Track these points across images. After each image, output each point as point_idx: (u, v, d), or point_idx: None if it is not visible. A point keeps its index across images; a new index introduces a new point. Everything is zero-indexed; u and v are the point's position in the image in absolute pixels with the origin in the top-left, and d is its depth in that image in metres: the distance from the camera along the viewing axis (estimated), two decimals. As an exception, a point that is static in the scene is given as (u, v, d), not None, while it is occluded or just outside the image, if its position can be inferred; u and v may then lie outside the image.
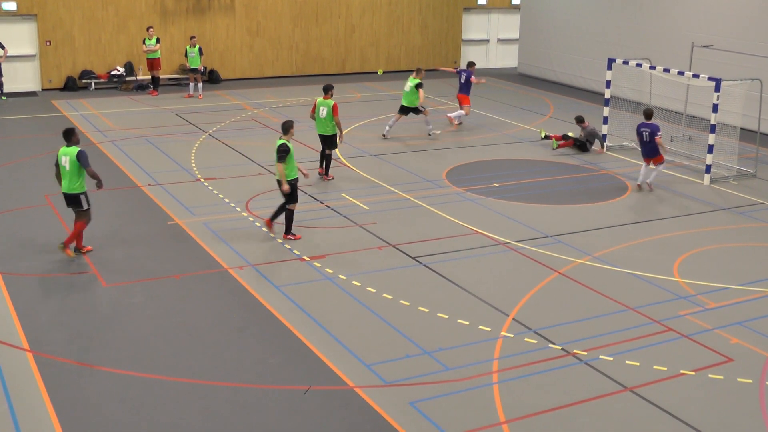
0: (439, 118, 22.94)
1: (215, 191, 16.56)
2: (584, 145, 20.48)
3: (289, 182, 13.76)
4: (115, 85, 27.32)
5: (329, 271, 12.77)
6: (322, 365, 9.99)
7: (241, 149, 19.85)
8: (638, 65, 20.07)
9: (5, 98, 25.17)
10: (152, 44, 26.00)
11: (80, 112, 23.77)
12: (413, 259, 13.36)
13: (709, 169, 18.08)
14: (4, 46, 25.08)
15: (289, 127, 13.93)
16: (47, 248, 13.48)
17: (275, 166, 13.92)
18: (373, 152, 19.79)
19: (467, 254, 13.67)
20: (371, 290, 12.10)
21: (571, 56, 29.56)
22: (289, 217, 13.95)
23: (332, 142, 17.32)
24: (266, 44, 29.72)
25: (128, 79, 27.33)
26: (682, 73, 19.13)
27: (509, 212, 15.71)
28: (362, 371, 9.87)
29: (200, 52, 25.62)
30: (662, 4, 25.89)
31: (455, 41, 33.06)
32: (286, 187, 13.67)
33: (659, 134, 17.07)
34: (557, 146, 20.35)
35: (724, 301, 12.06)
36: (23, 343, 10.42)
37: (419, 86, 20.48)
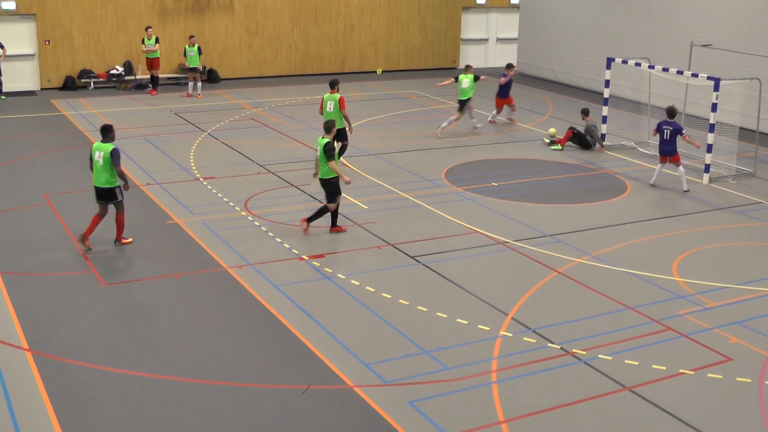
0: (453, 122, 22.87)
1: (214, 190, 16.56)
2: (583, 138, 20.48)
3: (330, 180, 14.06)
4: (114, 84, 27.30)
5: (328, 270, 12.77)
6: (321, 364, 10.00)
7: (240, 148, 19.84)
8: (637, 64, 20.07)
9: (4, 97, 25.16)
10: (151, 44, 26.00)
11: (79, 111, 23.76)
12: (412, 258, 13.36)
13: (708, 168, 18.09)
14: (3, 45, 25.08)
15: (331, 126, 14.25)
16: (46, 247, 13.48)
17: (325, 165, 14.04)
18: (372, 152, 19.79)
19: (466, 253, 13.67)
20: (370, 289, 12.10)
21: (570, 55, 29.56)
22: (333, 213, 14.33)
23: (341, 135, 17.61)
24: (265, 43, 29.72)
25: (127, 78, 27.32)
26: (681, 72, 19.13)
27: (508, 211, 15.71)
28: (361, 371, 9.87)
29: (199, 51, 25.63)
30: (661, 3, 25.89)
31: (454, 40, 33.05)
32: (347, 179, 14.14)
33: (685, 132, 17.26)
34: (561, 148, 20.43)
35: (723, 300, 12.06)
36: (22, 342, 10.42)
37: (476, 79, 21.50)
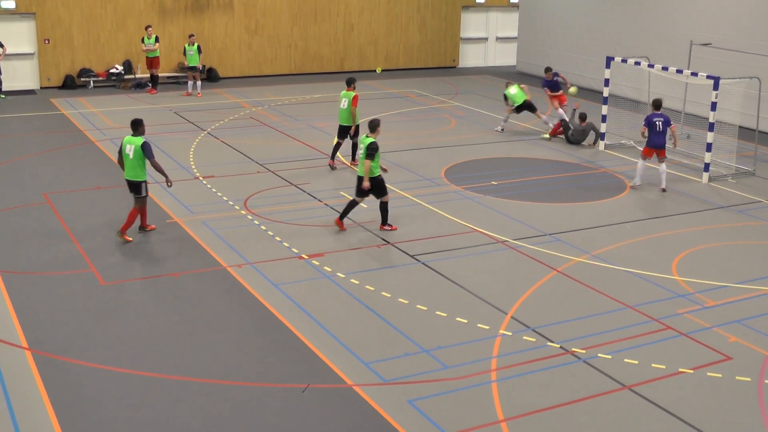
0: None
1: (214, 189, 16.56)
2: (567, 127, 20.96)
3: (375, 178, 14.14)
4: (113, 83, 27.29)
5: (328, 269, 12.77)
6: (320, 363, 9.99)
7: (239, 147, 19.84)
8: (637, 63, 20.07)
9: (4, 96, 25.15)
10: (151, 43, 25.98)
11: (79, 110, 23.75)
12: (412, 257, 13.36)
13: (707, 167, 18.09)
14: (2, 44, 25.07)
15: (376, 125, 14.34)
16: (46, 246, 13.48)
17: (361, 162, 14.15)
18: (371, 150, 19.78)
19: (466, 252, 13.67)
20: (370, 288, 12.10)
21: (569, 54, 29.56)
22: (384, 209, 14.44)
23: (346, 133, 18.16)
24: (265, 42, 29.71)
25: (127, 77, 27.31)
26: (680, 71, 19.12)
27: (508, 210, 15.71)
28: (361, 369, 9.87)
29: (199, 50, 25.62)
30: (661, 2, 25.89)
31: (454, 39, 33.04)
32: (367, 184, 14.09)
33: (673, 123, 17.39)
34: (549, 137, 21.25)
35: (722, 299, 12.06)
36: (22, 341, 10.42)
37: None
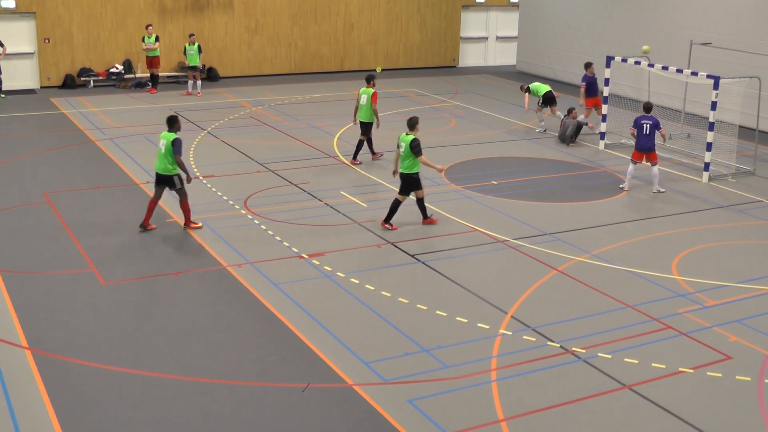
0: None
1: (214, 189, 16.56)
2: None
3: (410, 175, 14.29)
4: (113, 82, 27.28)
5: (328, 268, 12.77)
6: (320, 363, 10.00)
7: (239, 147, 19.83)
8: (637, 63, 20.07)
9: (4, 96, 25.15)
10: (151, 42, 25.98)
11: (79, 109, 23.75)
12: (412, 256, 13.36)
13: (707, 166, 18.08)
14: (2, 43, 25.06)
15: (414, 123, 14.48)
16: (46, 246, 13.48)
17: (408, 160, 14.23)
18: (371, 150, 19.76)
19: (466, 252, 13.67)
20: (370, 288, 12.10)
21: (569, 54, 29.55)
22: (422, 204, 14.60)
23: (367, 129, 18.51)
24: (265, 42, 29.70)
25: (127, 76, 27.31)
26: (680, 70, 19.12)
27: (508, 210, 15.71)
28: (361, 369, 9.87)
29: (199, 49, 25.62)
30: (661, 1, 25.89)
31: (454, 39, 33.03)
32: (440, 166, 14.40)
33: (662, 128, 17.25)
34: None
35: (722, 298, 12.07)
36: (22, 340, 10.42)
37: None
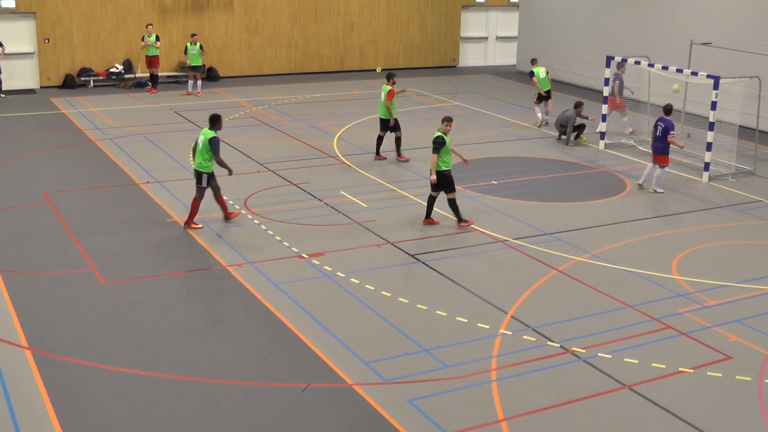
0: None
1: (214, 189, 16.55)
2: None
3: (443, 172, 14.25)
4: (113, 82, 27.27)
5: (328, 268, 12.77)
6: (320, 363, 10.00)
7: (239, 147, 19.82)
8: (637, 63, 20.07)
9: (4, 96, 25.15)
10: (152, 41, 25.93)
11: (79, 109, 23.75)
12: (412, 256, 13.36)
13: (707, 166, 18.08)
14: (2, 43, 25.05)
15: (446, 119, 14.53)
16: (46, 246, 13.47)
17: (437, 157, 14.30)
18: (371, 150, 19.74)
19: (466, 252, 13.67)
20: (370, 288, 12.10)
21: (569, 54, 29.55)
22: (453, 206, 14.53)
23: (386, 125, 18.65)
24: (265, 42, 29.70)
25: (127, 76, 27.30)
26: (680, 70, 19.12)
27: (508, 210, 15.71)
28: (361, 369, 9.87)
29: (201, 49, 25.58)
30: (661, 1, 25.88)
31: (454, 39, 33.03)
32: (433, 177, 14.24)
33: (672, 132, 16.80)
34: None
35: (722, 298, 12.07)
36: (22, 340, 10.42)
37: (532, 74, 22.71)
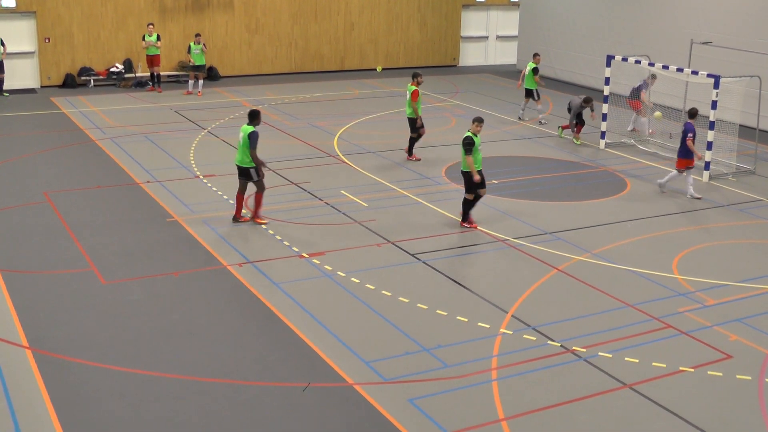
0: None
1: (214, 188, 16.55)
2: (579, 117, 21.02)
3: (468, 172, 14.34)
4: (114, 82, 27.28)
5: (328, 268, 12.77)
6: (321, 362, 10.00)
7: (240, 146, 19.82)
8: (637, 62, 20.06)
9: (7, 95, 25.15)
10: (152, 40, 25.93)
11: (79, 109, 23.75)
12: (412, 256, 13.36)
13: (708, 165, 18.08)
14: (3, 43, 25.05)
15: (476, 120, 14.60)
16: (46, 245, 13.47)
17: (462, 158, 14.34)
18: (371, 149, 19.77)
19: (466, 251, 13.67)
20: (370, 287, 12.10)
21: (570, 53, 29.55)
22: (466, 205, 14.61)
23: (412, 126, 18.72)
24: (265, 41, 29.70)
25: (127, 76, 27.30)
26: (681, 69, 19.12)
27: (508, 209, 15.71)
28: (361, 368, 9.87)
29: (204, 47, 25.51)
30: (661, 1, 25.87)
31: (454, 38, 33.03)
32: (477, 177, 14.28)
33: (690, 136, 16.42)
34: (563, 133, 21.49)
35: (723, 297, 12.07)
36: (22, 340, 10.42)
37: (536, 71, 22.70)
